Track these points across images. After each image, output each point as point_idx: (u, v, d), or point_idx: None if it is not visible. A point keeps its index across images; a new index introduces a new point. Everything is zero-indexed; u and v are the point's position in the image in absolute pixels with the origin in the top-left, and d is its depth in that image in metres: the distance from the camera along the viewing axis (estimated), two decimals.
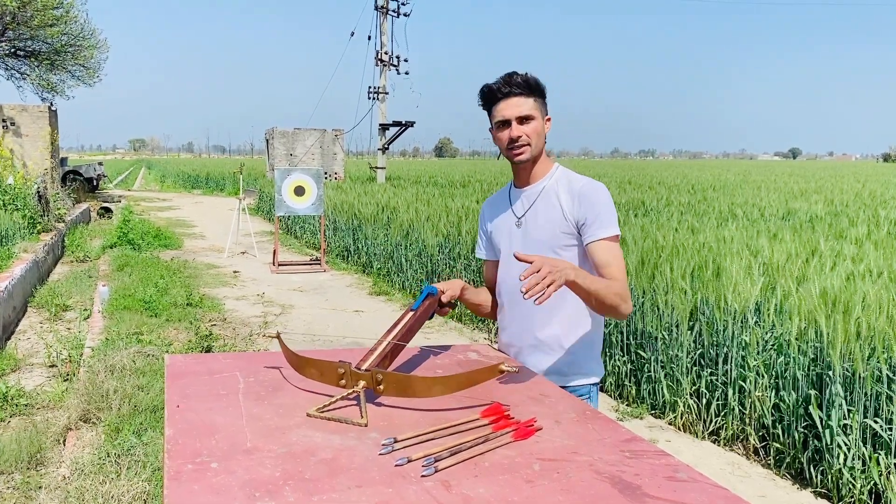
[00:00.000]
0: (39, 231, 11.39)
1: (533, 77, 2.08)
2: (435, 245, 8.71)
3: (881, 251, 5.50)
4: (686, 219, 8.57)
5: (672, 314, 4.85)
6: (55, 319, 7.32)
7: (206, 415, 1.54)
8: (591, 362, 2.16)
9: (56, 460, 3.90)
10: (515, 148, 2.08)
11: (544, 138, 2.14)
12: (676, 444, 4.46)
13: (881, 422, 3.56)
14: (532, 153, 2.10)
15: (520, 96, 2.06)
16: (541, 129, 2.10)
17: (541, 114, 2.10)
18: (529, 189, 2.17)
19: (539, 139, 2.10)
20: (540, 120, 2.09)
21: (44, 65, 22.37)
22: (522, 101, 2.06)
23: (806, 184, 19.84)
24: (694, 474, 1.33)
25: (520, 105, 2.05)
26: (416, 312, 1.97)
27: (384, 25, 23.97)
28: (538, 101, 2.09)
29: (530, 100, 2.07)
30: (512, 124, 2.07)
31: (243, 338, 6.61)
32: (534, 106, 2.07)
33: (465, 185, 19.72)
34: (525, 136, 2.07)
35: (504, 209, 2.24)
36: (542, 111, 2.11)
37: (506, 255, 2.20)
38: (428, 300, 2.04)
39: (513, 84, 2.05)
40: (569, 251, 2.08)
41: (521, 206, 2.18)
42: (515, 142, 2.07)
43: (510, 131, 2.07)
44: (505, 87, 2.06)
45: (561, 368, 2.12)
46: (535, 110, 2.07)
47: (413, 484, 1.23)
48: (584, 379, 2.14)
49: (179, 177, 39.92)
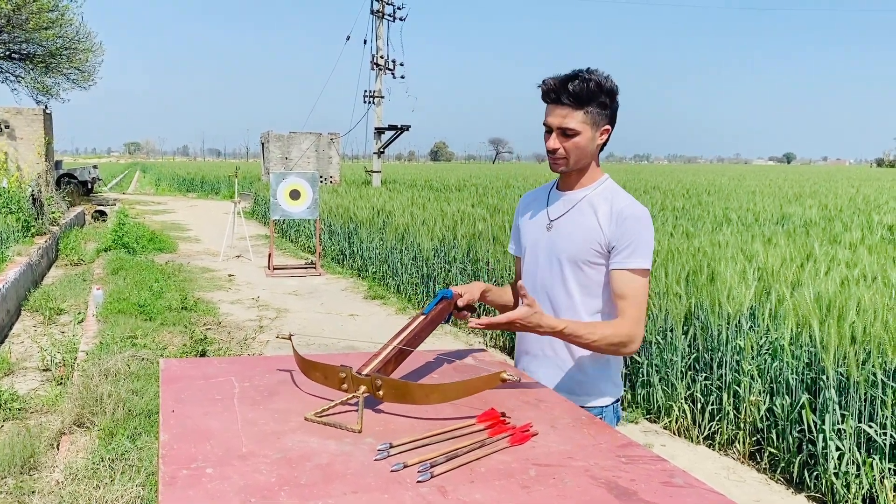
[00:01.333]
0: (33, 234, 11.35)
1: (595, 83, 1.90)
2: (430, 249, 8.71)
3: (875, 256, 5.52)
4: (681, 223, 8.59)
5: (667, 319, 4.85)
6: (49, 323, 7.29)
7: (201, 420, 1.54)
8: (604, 382, 2.06)
9: (50, 465, 3.88)
10: (552, 158, 1.99)
11: (595, 150, 2.00)
12: (672, 449, 4.46)
13: (875, 426, 3.57)
14: (570, 166, 1.99)
15: (567, 107, 1.91)
16: (585, 143, 1.95)
17: (592, 127, 1.94)
18: (570, 194, 2.06)
19: (581, 153, 1.96)
20: (587, 133, 1.94)
21: (39, 68, 22.34)
22: (568, 113, 1.91)
23: (800, 188, 19.92)
24: (689, 479, 1.33)
25: (564, 116, 1.92)
26: (427, 317, 1.89)
27: (380, 29, 24.01)
28: (590, 114, 1.92)
29: (579, 112, 1.91)
30: (553, 133, 1.96)
31: (238, 342, 6.60)
32: (582, 119, 1.92)
33: (461, 189, 19.74)
34: (562, 150, 1.95)
35: (540, 208, 2.13)
36: (597, 123, 1.95)
37: (531, 254, 2.12)
38: (441, 304, 1.95)
39: (562, 92, 1.91)
40: (593, 269, 1.99)
41: (556, 209, 2.07)
42: (552, 153, 1.97)
43: (550, 140, 1.97)
44: (554, 92, 1.93)
45: (572, 387, 2.03)
46: (584, 124, 1.92)
47: (409, 490, 1.23)
48: (597, 400, 2.05)
49: (174, 180, 39.86)
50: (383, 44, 24.06)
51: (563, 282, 2.03)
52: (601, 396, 2.06)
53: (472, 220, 8.84)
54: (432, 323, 1.90)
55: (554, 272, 2.04)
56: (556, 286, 2.04)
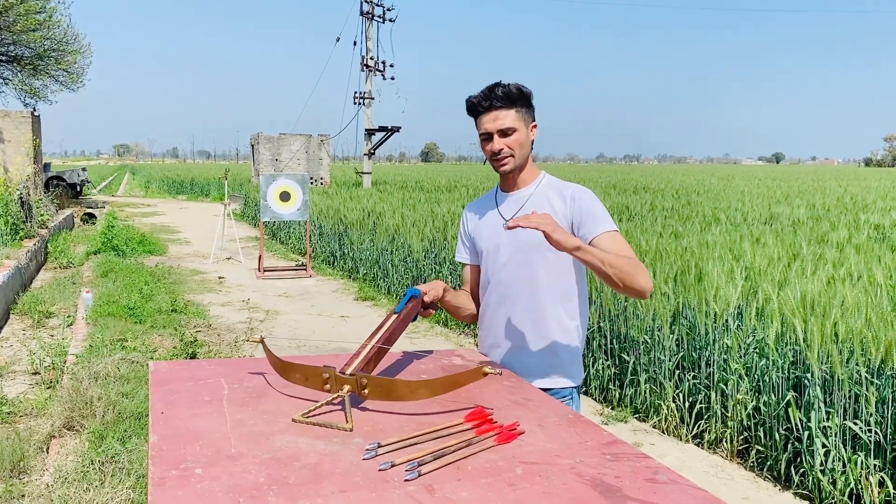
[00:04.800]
0: (22, 237, 11.28)
1: (515, 87, 2.08)
2: (421, 250, 8.72)
3: (862, 255, 5.57)
4: (670, 223, 8.63)
5: (654, 318, 4.89)
6: (38, 326, 7.25)
7: (190, 421, 1.55)
8: (573, 366, 2.18)
9: (39, 468, 3.87)
10: (498, 160, 2.12)
11: (530, 146, 2.16)
12: (661, 448, 4.49)
13: (860, 423, 3.61)
14: (516, 163, 2.13)
15: (500, 109, 2.08)
16: (524, 139, 2.11)
17: (524, 123, 2.11)
18: (517, 193, 2.19)
19: (522, 149, 2.12)
20: (523, 130, 2.11)
21: (26, 70, 22.20)
22: (503, 114, 2.07)
23: (789, 188, 20.04)
24: (674, 476, 1.35)
25: (500, 118, 2.07)
26: (399, 315, 1.99)
27: (370, 31, 23.99)
28: (521, 112, 2.10)
29: (511, 111, 2.08)
30: (494, 137, 2.09)
31: (228, 344, 6.59)
32: (515, 117, 2.09)
33: (451, 189, 19.75)
34: (507, 149, 2.10)
35: (490, 211, 2.25)
36: (527, 120, 2.12)
37: (491, 256, 2.21)
38: (411, 303, 2.06)
39: (493, 97, 2.07)
40: (556, 254, 2.07)
41: (508, 209, 2.18)
42: (497, 154, 2.10)
43: (492, 144, 2.10)
44: (485, 101, 2.08)
45: (544, 370, 2.14)
46: (518, 121, 2.09)
47: (396, 488, 1.25)
48: (566, 381, 2.16)
49: (164, 182, 39.66)
50: (373, 45, 24.05)
51: (531, 271, 2.13)
52: (570, 378, 2.18)
53: None
54: (404, 321, 2.00)
55: (520, 264, 2.14)
56: (523, 277, 2.14)
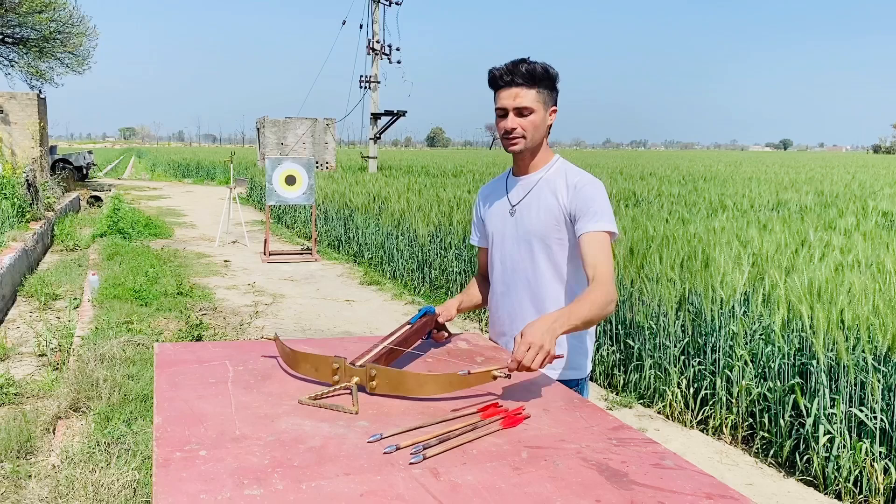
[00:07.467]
0: (28, 220, 11.32)
1: (542, 67, 2.00)
2: (426, 235, 8.70)
3: (869, 242, 5.54)
4: (677, 209, 8.60)
5: (660, 304, 4.87)
6: (45, 308, 7.28)
7: (195, 403, 1.55)
8: (580, 357, 2.14)
9: (46, 449, 3.89)
10: (509, 139, 2.05)
11: (546, 130, 2.08)
12: (665, 433, 4.49)
13: (866, 410, 3.60)
14: (527, 145, 2.06)
15: (521, 87, 1.99)
16: (540, 121, 2.04)
17: (544, 105, 2.03)
18: (527, 178, 2.14)
19: (537, 132, 2.05)
20: (541, 112, 2.03)
21: (32, 52, 22.16)
22: (523, 93, 1.99)
23: (796, 175, 19.93)
24: (680, 462, 1.35)
25: (520, 97, 2.00)
26: (413, 326, 2.03)
27: (376, 14, 23.85)
28: (542, 93, 2.02)
29: (532, 91, 2.00)
30: (509, 115, 2.02)
31: (234, 327, 6.60)
32: (535, 98, 2.01)
33: (457, 174, 19.69)
34: (520, 129, 2.02)
35: (500, 196, 2.21)
36: (547, 102, 2.04)
37: (497, 243, 2.19)
38: (425, 318, 2.10)
39: (516, 73, 1.99)
40: (559, 245, 2.06)
41: (516, 195, 2.15)
42: (510, 133, 2.04)
43: (506, 122, 2.03)
44: (507, 75, 2.00)
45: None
46: (537, 102, 2.01)
47: (401, 471, 1.24)
48: (573, 373, 2.13)
49: (170, 166, 39.69)
50: (379, 28, 23.92)
51: (532, 261, 2.11)
52: (577, 370, 2.15)
53: (468, 206, 8.83)
54: (417, 333, 2.03)
55: (523, 253, 2.12)
56: (526, 267, 2.12)
